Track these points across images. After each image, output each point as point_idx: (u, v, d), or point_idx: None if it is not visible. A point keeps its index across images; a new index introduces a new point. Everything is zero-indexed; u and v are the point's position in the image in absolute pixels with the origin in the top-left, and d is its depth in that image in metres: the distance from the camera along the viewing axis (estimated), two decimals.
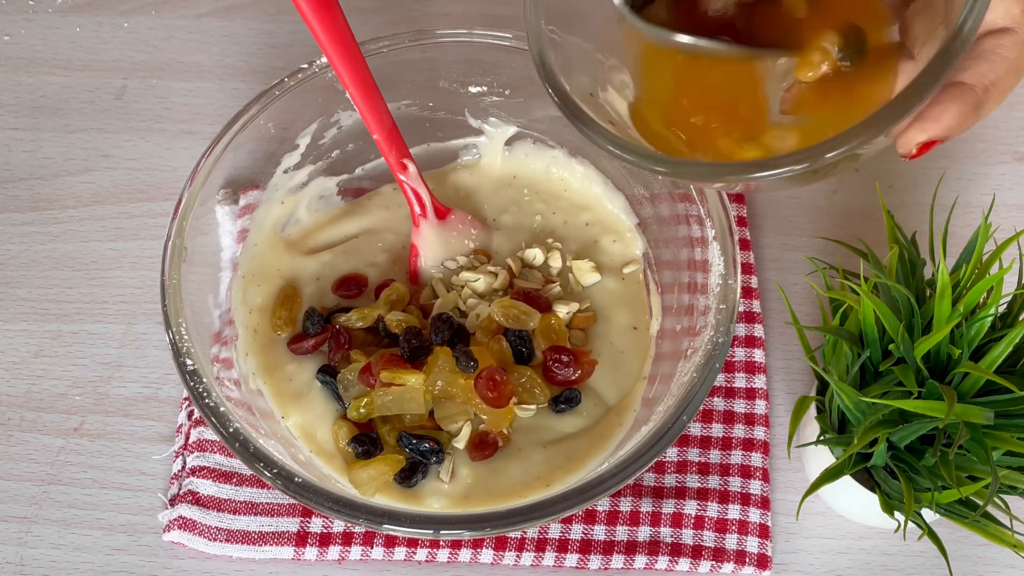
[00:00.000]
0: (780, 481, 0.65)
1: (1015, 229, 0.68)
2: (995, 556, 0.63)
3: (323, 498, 0.54)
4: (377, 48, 0.65)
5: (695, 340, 0.59)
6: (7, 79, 0.80)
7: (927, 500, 0.53)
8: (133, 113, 0.78)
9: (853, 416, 0.55)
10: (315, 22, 0.57)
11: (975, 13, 0.42)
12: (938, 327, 0.52)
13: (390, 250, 0.70)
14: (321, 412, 0.63)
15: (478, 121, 0.71)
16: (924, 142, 0.45)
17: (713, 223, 0.60)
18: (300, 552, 0.62)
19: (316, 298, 0.67)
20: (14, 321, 0.71)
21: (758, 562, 0.62)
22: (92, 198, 0.75)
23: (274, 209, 0.68)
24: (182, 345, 0.57)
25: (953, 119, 0.45)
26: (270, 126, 0.65)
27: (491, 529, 0.53)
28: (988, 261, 0.54)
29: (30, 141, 0.77)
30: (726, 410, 0.66)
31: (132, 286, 0.72)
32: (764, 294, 0.71)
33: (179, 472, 0.65)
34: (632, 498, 0.64)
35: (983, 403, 0.52)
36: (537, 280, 0.68)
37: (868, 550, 0.63)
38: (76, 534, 0.64)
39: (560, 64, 0.51)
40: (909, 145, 0.46)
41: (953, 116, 0.45)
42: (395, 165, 0.65)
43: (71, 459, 0.66)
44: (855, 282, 0.54)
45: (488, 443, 0.62)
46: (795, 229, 0.73)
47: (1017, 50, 0.46)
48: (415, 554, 0.62)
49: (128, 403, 0.68)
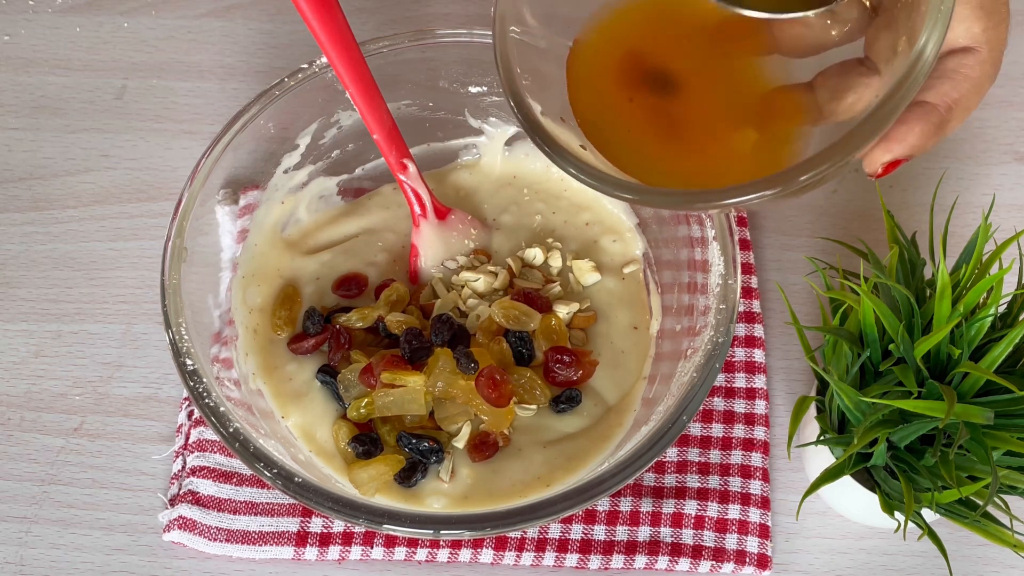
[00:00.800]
0: (780, 481, 0.65)
1: (1015, 229, 0.68)
2: (995, 556, 0.63)
3: (323, 498, 0.54)
4: (377, 48, 0.65)
5: (695, 340, 0.59)
6: (7, 79, 0.80)
7: (927, 500, 0.53)
8: (133, 113, 0.78)
9: (853, 416, 0.55)
10: (315, 22, 0.57)
11: (935, 37, 0.43)
12: (938, 327, 0.52)
13: (390, 250, 0.70)
14: (321, 412, 0.63)
15: (478, 121, 0.71)
16: (889, 161, 0.46)
17: (713, 223, 0.60)
18: (300, 552, 0.62)
19: (316, 298, 0.67)
20: (14, 321, 0.71)
21: (758, 562, 0.62)
22: (92, 198, 0.75)
23: (274, 209, 0.68)
24: (182, 345, 0.57)
25: (917, 139, 0.46)
26: (270, 126, 0.65)
27: (491, 529, 0.53)
28: (988, 261, 0.54)
29: (30, 141, 0.77)
30: (726, 410, 0.66)
31: (132, 286, 0.72)
32: (764, 294, 0.71)
33: (179, 472, 0.65)
34: (632, 498, 0.64)
35: (983, 403, 0.52)
36: (537, 280, 0.68)
37: (868, 550, 0.63)
38: (76, 534, 0.64)
39: (530, 86, 0.50)
40: (875, 165, 0.47)
41: (917, 136, 0.46)
42: (395, 165, 0.65)
43: (71, 459, 0.66)
44: (855, 282, 0.54)
45: (488, 443, 0.62)
46: (795, 229, 0.73)
47: (979, 69, 0.47)
48: (415, 554, 0.62)
49: (128, 403, 0.68)
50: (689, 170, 0.51)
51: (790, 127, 0.51)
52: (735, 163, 0.51)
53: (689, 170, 0.51)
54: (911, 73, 0.43)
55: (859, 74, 0.49)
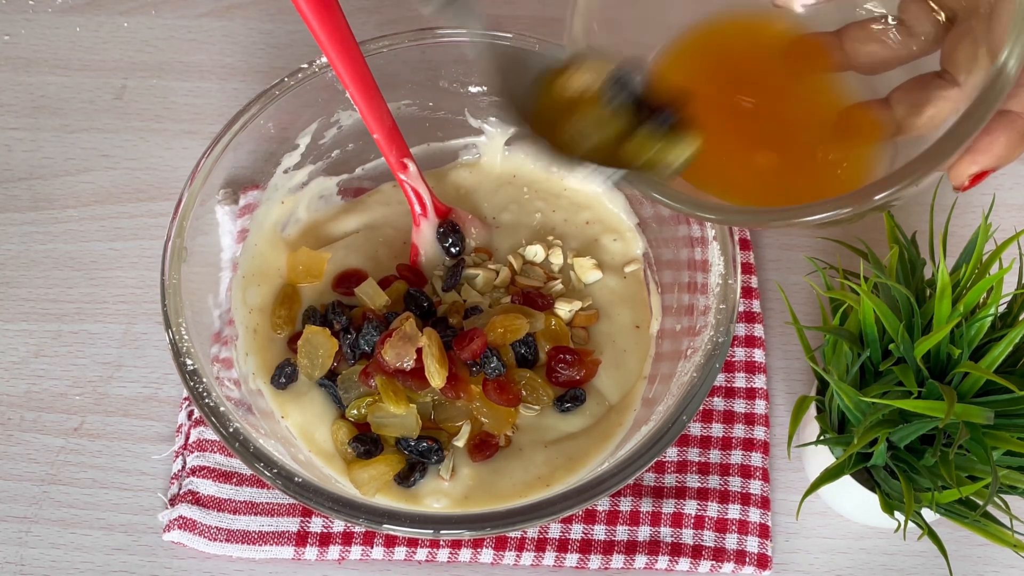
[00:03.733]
0: (780, 481, 0.65)
1: (1015, 229, 0.68)
2: (995, 556, 0.63)
3: (323, 498, 0.54)
4: (377, 48, 0.65)
5: (695, 340, 0.59)
6: (7, 79, 0.80)
7: (927, 500, 0.53)
8: (133, 113, 0.78)
9: (853, 416, 0.55)
10: (315, 22, 0.57)
11: (1019, 49, 0.42)
12: (938, 327, 0.52)
13: (391, 245, 0.70)
14: (320, 412, 0.63)
15: (478, 121, 0.71)
16: (976, 173, 0.46)
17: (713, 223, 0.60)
18: (300, 552, 0.62)
19: (316, 296, 0.67)
20: (14, 321, 0.71)
21: (758, 562, 0.62)
22: (92, 198, 0.75)
23: (274, 209, 0.68)
24: (182, 345, 0.57)
25: (1003, 149, 0.45)
26: (270, 126, 0.65)
27: (491, 529, 0.53)
28: (988, 261, 0.54)
29: (30, 141, 0.77)
30: (726, 410, 0.66)
31: (132, 286, 0.72)
32: (764, 294, 0.71)
33: (179, 472, 0.65)
34: (632, 498, 0.64)
35: (983, 403, 0.52)
36: (539, 277, 0.68)
37: (868, 550, 0.63)
38: (76, 534, 0.64)
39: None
40: (961, 177, 0.46)
41: (1003, 146, 0.45)
42: (395, 164, 0.65)
43: (71, 459, 0.66)
44: (855, 282, 0.54)
45: (489, 443, 0.62)
46: (795, 229, 0.73)
47: None
48: (415, 554, 0.62)
49: (128, 403, 0.68)
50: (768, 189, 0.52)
51: (868, 143, 0.51)
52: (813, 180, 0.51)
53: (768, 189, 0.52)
54: (995, 85, 0.42)
55: (937, 87, 0.49)
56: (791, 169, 0.52)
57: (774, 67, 0.54)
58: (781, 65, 0.53)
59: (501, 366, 0.62)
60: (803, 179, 0.51)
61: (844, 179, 0.51)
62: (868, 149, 0.51)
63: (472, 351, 0.61)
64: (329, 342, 0.63)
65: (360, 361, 0.63)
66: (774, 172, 0.52)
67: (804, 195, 0.47)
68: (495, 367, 0.62)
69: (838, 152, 0.51)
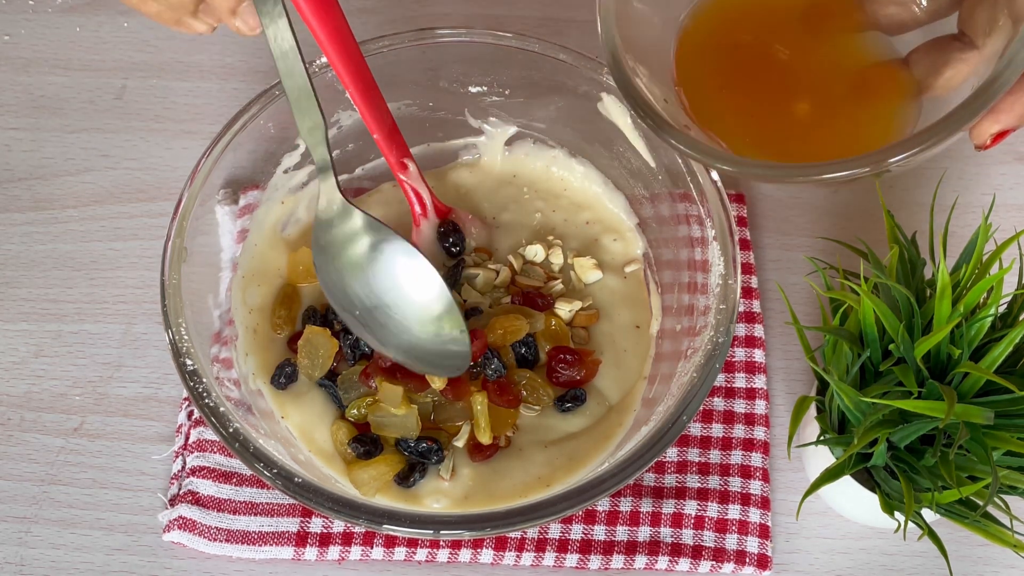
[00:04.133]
0: (780, 481, 0.65)
1: (1015, 229, 0.68)
2: (995, 556, 0.63)
3: (323, 498, 0.54)
4: (377, 48, 0.65)
5: (695, 340, 0.59)
6: (7, 79, 0.80)
7: (927, 500, 0.53)
8: (133, 113, 0.78)
9: (853, 416, 0.55)
10: (315, 22, 0.57)
11: None
12: (938, 327, 0.52)
13: None
14: (320, 412, 0.63)
15: (478, 121, 0.71)
16: (998, 132, 0.47)
17: (713, 223, 0.60)
18: (300, 552, 0.62)
19: (316, 296, 0.67)
20: (14, 321, 0.71)
21: (758, 562, 0.62)
22: (92, 198, 0.75)
23: (274, 209, 0.68)
24: (182, 345, 0.57)
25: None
26: (270, 126, 0.65)
27: (491, 529, 0.53)
28: (988, 261, 0.54)
29: (30, 141, 0.77)
30: (726, 410, 0.66)
31: (132, 286, 0.72)
32: (764, 294, 0.71)
33: (179, 472, 0.65)
34: (632, 498, 0.64)
35: (983, 403, 0.52)
36: (539, 277, 0.68)
37: (868, 550, 0.63)
38: (76, 534, 0.64)
39: (635, 69, 0.51)
40: (983, 136, 0.47)
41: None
42: (395, 164, 0.65)
43: (71, 459, 0.66)
44: (855, 282, 0.54)
45: (489, 444, 0.62)
46: (795, 229, 0.73)
47: None
48: (415, 554, 0.62)
49: (128, 403, 0.68)
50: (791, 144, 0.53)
51: (890, 101, 0.52)
52: (836, 138, 0.52)
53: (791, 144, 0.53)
54: (1018, 53, 0.43)
55: (956, 49, 0.50)
56: (815, 124, 0.53)
57: (795, 27, 0.55)
58: (802, 24, 0.54)
59: (502, 367, 0.62)
60: (826, 135, 0.52)
61: (867, 138, 0.52)
62: (891, 108, 0.52)
63: (472, 353, 0.61)
64: (329, 342, 0.63)
65: (360, 361, 0.64)
66: (799, 127, 0.53)
67: (826, 152, 0.47)
68: (496, 368, 0.62)
69: (861, 110, 0.52)
